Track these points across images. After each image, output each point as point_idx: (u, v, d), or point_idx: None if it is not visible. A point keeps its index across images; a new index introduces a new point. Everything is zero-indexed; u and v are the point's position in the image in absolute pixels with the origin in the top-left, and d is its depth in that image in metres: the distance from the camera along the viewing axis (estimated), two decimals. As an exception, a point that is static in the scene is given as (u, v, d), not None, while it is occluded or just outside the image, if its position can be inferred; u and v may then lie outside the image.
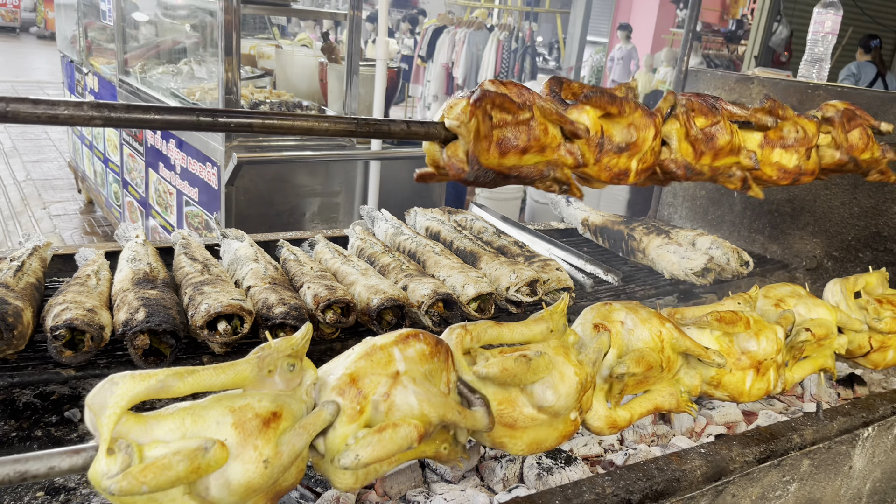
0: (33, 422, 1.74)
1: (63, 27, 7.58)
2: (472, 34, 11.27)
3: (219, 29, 3.60)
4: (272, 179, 4.17)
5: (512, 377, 1.17)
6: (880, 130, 1.85)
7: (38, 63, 18.02)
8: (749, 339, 1.51)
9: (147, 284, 1.67)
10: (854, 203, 2.62)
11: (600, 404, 1.34)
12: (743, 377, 1.49)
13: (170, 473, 0.86)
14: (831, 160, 1.80)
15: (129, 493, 0.84)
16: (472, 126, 1.26)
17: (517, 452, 1.25)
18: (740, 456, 1.42)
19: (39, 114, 1.06)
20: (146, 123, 0.99)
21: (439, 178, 1.34)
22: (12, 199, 7.79)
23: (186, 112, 1.03)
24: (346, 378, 1.07)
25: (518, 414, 1.20)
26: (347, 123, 1.36)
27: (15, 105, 1.03)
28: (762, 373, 1.52)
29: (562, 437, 1.26)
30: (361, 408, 1.05)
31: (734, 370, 1.48)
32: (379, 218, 2.57)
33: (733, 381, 1.48)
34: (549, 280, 2.16)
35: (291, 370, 1.04)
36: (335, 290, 1.81)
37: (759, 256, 2.89)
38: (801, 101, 2.77)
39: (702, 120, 1.57)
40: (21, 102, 1.02)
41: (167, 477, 0.85)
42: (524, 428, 1.21)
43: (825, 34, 2.95)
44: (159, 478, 0.85)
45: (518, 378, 1.18)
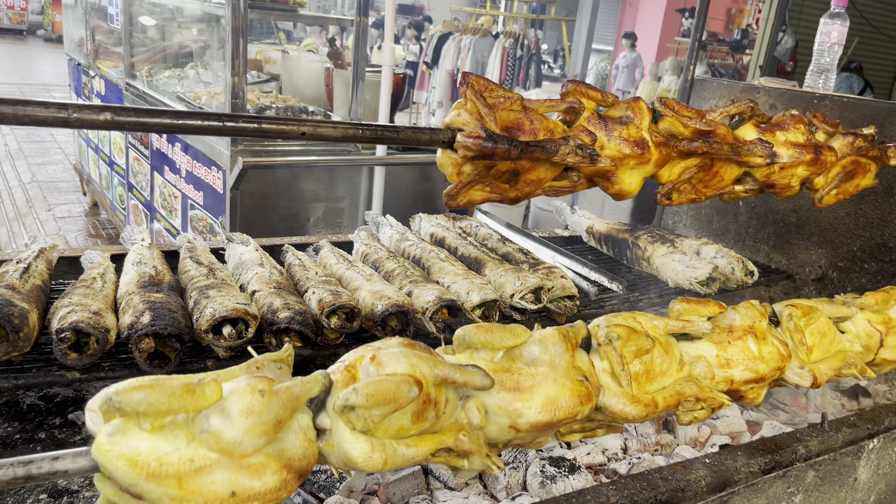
0: (37, 424, 1.74)
1: (71, 30, 7.62)
2: (478, 41, 11.29)
3: (226, 34, 3.62)
4: (277, 184, 4.18)
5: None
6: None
7: (44, 66, 18.11)
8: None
9: (152, 288, 1.68)
10: (860, 214, 2.62)
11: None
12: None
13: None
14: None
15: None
16: (472, 108, 1.35)
17: (536, 419, 1.18)
18: (745, 466, 1.42)
19: (48, 117, 1.07)
20: (164, 128, 1.00)
21: (465, 185, 1.37)
22: (17, 201, 7.81)
23: (203, 117, 1.04)
24: (336, 365, 1.09)
25: (518, 374, 1.18)
26: (358, 129, 1.37)
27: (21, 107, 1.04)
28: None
29: (574, 395, 1.20)
30: (352, 374, 1.06)
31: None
32: (384, 224, 2.57)
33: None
34: (554, 287, 2.16)
35: (279, 369, 1.04)
36: (340, 296, 1.81)
37: (764, 266, 2.89)
38: (807, 111, 2.77)
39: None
40: (34, 105, 1.02)
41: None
42: (530, 387, 1.17)
43: (831, 44, 2.95)
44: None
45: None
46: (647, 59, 14.33)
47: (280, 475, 0.95)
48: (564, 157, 1.43)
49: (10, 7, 23.05)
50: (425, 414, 1.10)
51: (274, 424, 0.95)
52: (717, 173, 1.81)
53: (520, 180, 1.51)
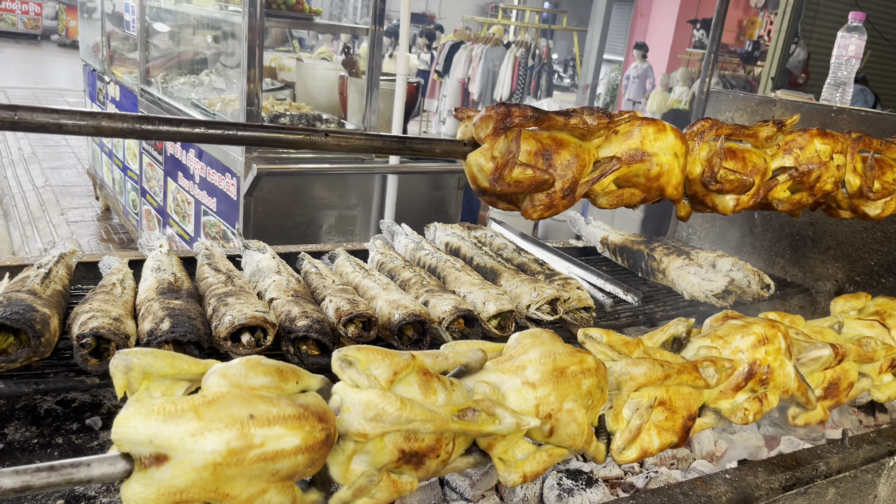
0: (54, 429, 1.75)
1: (86, 36, 7.68)
2: (489, 50, 11.33)
3: (242, 42, 3.64)
4: (290, 191, 4.19)
5: None
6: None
7: (58, 71, 18.26)
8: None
9: (171, 294, 1.68)
10: (877, 228, 2.60)
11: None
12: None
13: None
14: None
15: None
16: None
17: None
18: (766, 483, 1.40)
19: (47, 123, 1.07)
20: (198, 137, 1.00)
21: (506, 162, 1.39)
22: (31, 205, 7.86)
23: (239, 127, 1.05)
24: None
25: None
26: (386, 141, 1.37)
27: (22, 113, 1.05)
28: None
29: None
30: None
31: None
32: (399, 232, 2.57)
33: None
34: (570, 299, 2.16)
35: None
36: (357, 304, 1.81)
37: (780, 279, 2.87)
38: (825, 125, 2.76)
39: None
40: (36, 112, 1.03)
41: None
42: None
43: (849, 58, 2.94)
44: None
45: None
46: (657, 70, 14.34)
47: (295, 408, 0.95)
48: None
49: (25, 12, 23.27)
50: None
51: (276, 369, 0.98)
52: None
53: (555, 161, 1.48)
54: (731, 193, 1.77)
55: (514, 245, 2.57)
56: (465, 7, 27.42)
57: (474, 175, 1.48)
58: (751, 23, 19.01)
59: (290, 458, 0.94)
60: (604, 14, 10.83)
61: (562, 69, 21.82)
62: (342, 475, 1.07)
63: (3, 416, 1.74)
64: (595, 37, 11.74)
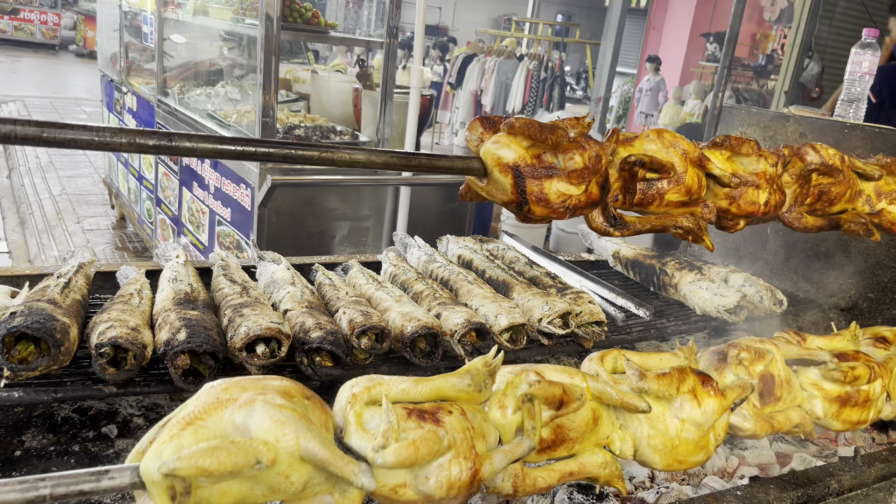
0: (71, 437, 1.77)
1: (104, 47, 7.78)
2: (502, 63, 11.38)
3: (258, 55, 3.68)
4: (303, 202, 4.22)
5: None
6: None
7: (76, 80, 18.48)
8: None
9: (188, 305, 1.70)
10: (892, 245, 2.60)
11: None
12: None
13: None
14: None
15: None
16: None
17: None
18: (777, 500, 1.41)
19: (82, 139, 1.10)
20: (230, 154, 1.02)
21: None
22: (47, 213, 7.95)
23: (253, 144, 1.07)
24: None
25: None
26: (395, 157, 1.39)
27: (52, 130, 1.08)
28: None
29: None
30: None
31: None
32: (412, 245, 2.59)
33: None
34: (582, 313, 2.16)
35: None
36: (371, 317, 1.82)
37: (792, 295, 2.86)
38: (838, 141, 2.76)
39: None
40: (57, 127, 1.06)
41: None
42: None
43: (862, 74, 2.95)
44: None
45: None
46: (670, 83, 14.34)
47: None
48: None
49: (43, 22, 23.60)
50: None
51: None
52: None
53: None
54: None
55: (526, 258, 2.59)
56: (478, 19, 27.57)
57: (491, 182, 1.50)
58: (764, 36, 18.98)
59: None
60: (616, 27, 10.86)
61: (574, 81, 21.85)
62: None
63: (21, 423, 1.77)
64: (608, 49, 11.78)
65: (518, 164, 1.45)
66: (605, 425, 1.44)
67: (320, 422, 1.13)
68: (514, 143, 1.47)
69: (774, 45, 18.28)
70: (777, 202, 1.82)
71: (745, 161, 1.84)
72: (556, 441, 1.37)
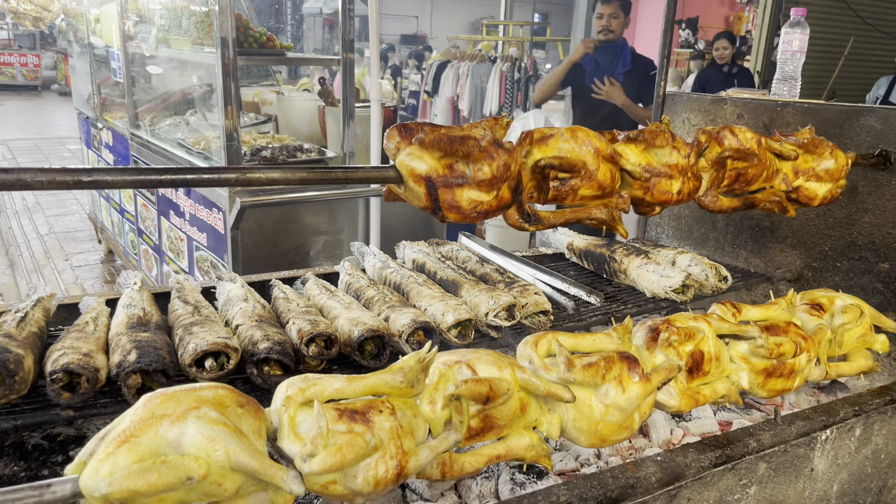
0: (41, 462, 1.86)
1: (78, 85, 7.90)
2: (475, 67, 11.49)
3: (217, 81, 3.79)
4: (276, 221, 4.32)
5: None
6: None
7: (59, 119, 18.60)
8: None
9: (140, 328, 1.80)
10: (828, 215, 2.70)
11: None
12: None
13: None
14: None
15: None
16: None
17: None
18: (696, 462, 1.49)
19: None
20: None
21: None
22: (36, 253, 8.05)
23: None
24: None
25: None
26: (313, 173, 1.49)
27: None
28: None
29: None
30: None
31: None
32: (368, 253, 2.69)
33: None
34: (528, 304, 2.26)
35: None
36: (318, 324, 1.92)
37: (743, 271, 2.96)
38: (772, 119, 2.86)
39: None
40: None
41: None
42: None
43: (793, 53, 3.05)
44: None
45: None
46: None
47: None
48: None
49: (23, 64, 23.77)
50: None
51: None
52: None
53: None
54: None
55: (478, 257, 2.68)
56: (455, 25, 27.69)
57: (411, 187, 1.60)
58: (738, 18, 19.12)
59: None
60: (585, 21, 10.98)
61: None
62: None
63: (-7, 453, 1.86)
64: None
65: (430, 175, 1.55)
66: (532, 411, 1.52)
67: (253, 429, 1.22)
68: (427, 155, 1.57)
69: (748, 27, 18.40)
70: (691, 189, 1.92)
71: (659, 152, 1.94)
72: (484, 429, 1.45)
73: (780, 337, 1.86)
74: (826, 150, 2.23)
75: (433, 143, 1.55)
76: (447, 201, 1.54)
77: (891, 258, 2.50)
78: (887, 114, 2.50)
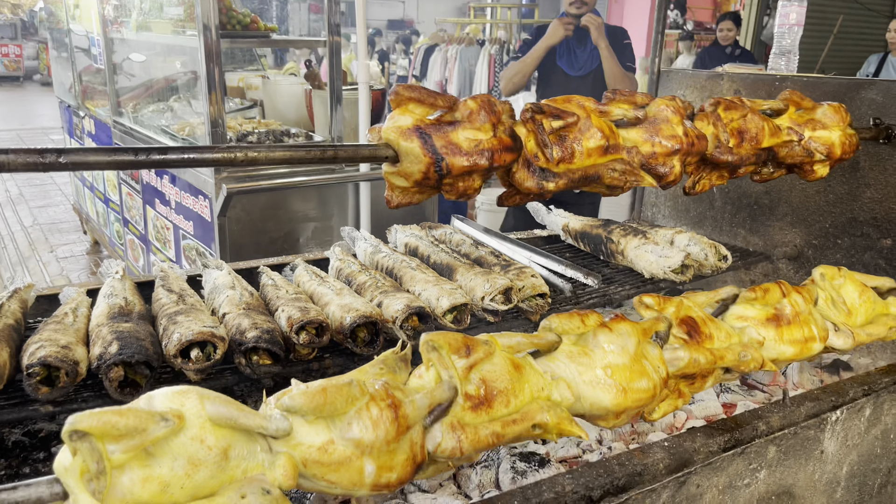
0: (22, 459, 1.79)
1: (60, 74, 7.74)
2: (464, 50, 11.38)
3: (200, 65, 3.68)
4: (265, 207, 4.23)
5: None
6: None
7: (42, 110, 18.36)
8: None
9: (122, 318, 1.72)
10: (829, 191, 2.64)
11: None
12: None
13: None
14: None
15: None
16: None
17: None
18: (704, 447, 1.44)
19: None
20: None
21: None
22: (20, 245, 7.92)
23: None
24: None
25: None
26: (297, 152, 1.42)
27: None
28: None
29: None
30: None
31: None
32: (359, 238, 2.61)
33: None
34: (525, 287, 2.19)
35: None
36: (308, 312, 1.84)
37: (742, 250, 2.91)
38: (770, 93, 2.80)
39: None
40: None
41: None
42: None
43: (791, 26, 2.99)
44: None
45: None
46: (636, 53, 14.33)
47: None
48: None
49: (5, 55, 23.42)
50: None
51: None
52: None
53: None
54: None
55: (472, 240, 2.61)
56: (442, 9, 27.44)
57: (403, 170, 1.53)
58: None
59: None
60: (573, 3, 10.86)
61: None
62: None
63: (-29, 451, 1.79)
64: (568, 26, 11.76)
65: (419, 125, 1.48)
66: (532, 374, 1.39)
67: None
68: (407, 112, 1.50)
69: (737, 7, 18.34)
70: (696, 134, 1.82)
71: (652, 107, 1.87)
72: (487, 396, 1.33)
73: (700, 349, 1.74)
74: (811, 103, 2.16)
75: (408, 97, 1.48)
76: (445, 145, 1.46)
77: (893, 234, 2.45)
78: (889, 86, 2.43)
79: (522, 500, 1.25)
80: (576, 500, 1.26)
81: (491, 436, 1.28)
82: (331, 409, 1.11)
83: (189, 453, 1.01)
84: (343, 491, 1.16)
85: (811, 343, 1.75)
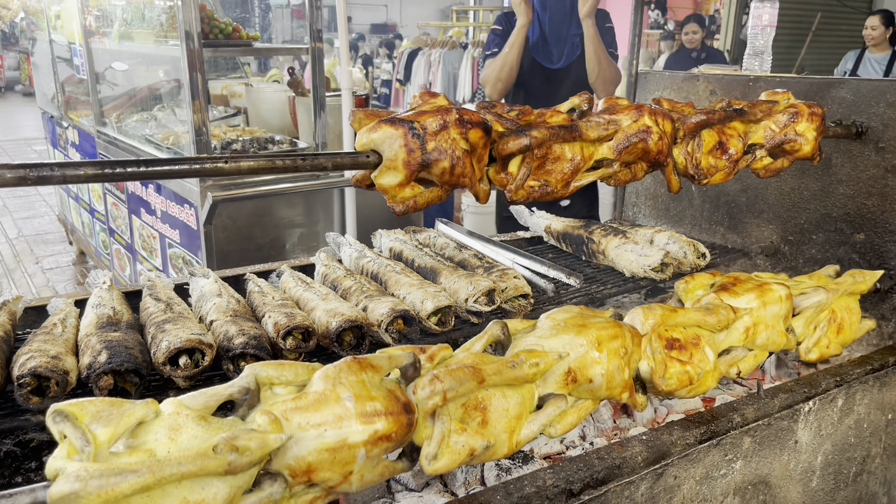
0: (14, 469, 1.81)
1: (42, 84, 7.72)
2: (447, 54, 11.42)
3: (182, 74, 3.71)
4: (251, 215, 4.26)
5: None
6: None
7: (24, 120, 18.24)
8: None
9: (110, 328, 1.75)
10: (803, 188, 2.70)
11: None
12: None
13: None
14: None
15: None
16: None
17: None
18: (681, 439, 1.48)
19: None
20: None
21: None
22: (5, 257, 7.89)
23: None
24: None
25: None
26: (272, 161, 1.45)
27: None
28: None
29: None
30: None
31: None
32: (344, 243, 2.65)
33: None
34: (507, 288, 2.24)
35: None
36: (294, 317, 1.88)
37: (721, 247, 2.97)
38: (745, 93, 2.86)
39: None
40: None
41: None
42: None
43: (763, 27, 3.05)
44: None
45: None
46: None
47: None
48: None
49: (-15, 66, 23.25)
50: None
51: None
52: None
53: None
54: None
55: (456, 243, 2.65)
56: (425, 13, 27.50)
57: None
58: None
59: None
60: (555, 5, 10.93)
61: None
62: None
63: (-37, 462, 1.80)
64: (550, 28, 11.82)
65: (393, 117, 1.53)
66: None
67: None
68: (378, 118, 1.55)
69: (717, 6, 18.50)
70: (666, 127, 1.85)
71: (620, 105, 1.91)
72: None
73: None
74: (775, 97, 2.23)
75: (376, 113, 1.53)
76: (413, 116, 1.50)
77: (866, 228, 2.51)
78: (858, 85, 2.50)
79: (505, 494, 1.29)
80: (556, 493, 1.31)
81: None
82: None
83: (168, 423, 1.07)
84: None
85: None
